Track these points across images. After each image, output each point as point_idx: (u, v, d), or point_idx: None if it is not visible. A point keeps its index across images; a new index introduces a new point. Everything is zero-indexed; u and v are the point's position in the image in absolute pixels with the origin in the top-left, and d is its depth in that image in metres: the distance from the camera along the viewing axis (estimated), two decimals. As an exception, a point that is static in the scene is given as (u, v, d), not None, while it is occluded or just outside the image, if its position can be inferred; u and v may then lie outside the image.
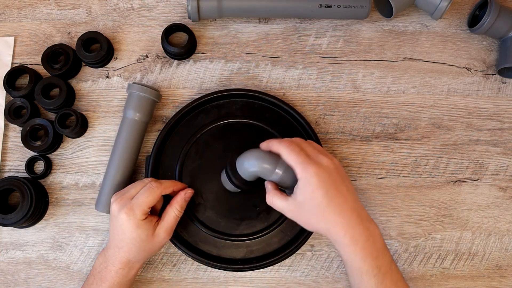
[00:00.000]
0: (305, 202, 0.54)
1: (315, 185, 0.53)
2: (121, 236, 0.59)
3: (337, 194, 0.54)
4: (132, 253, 0.60)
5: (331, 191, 0.53)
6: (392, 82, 0.75)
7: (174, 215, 0.61)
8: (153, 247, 0.61)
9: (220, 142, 0.68)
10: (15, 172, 0.70)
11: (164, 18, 0.75)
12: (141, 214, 0.58)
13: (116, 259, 0.60)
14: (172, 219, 0.61)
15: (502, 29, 0.73)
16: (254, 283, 0.69)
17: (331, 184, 0.54)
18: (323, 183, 0.53)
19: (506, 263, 0.71)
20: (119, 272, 0.60)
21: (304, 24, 0.76)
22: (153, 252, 0.62)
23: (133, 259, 0.60)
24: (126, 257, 0.60)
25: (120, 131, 0.67)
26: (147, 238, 0.59)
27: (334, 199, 0.53)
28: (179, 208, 0.62)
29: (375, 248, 0.54)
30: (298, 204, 0.55)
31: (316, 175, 0.53)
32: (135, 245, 0.59)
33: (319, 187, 0.53)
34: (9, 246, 0.69)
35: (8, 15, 0.74)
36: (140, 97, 0.67)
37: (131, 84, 0.67)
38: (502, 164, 0.74)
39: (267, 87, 0.73)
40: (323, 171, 0.54)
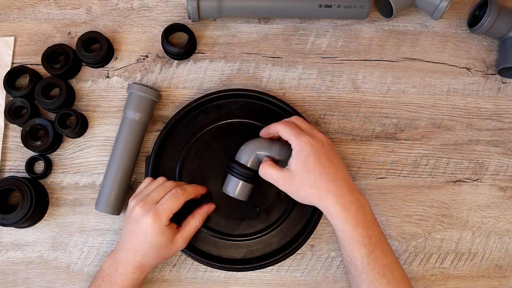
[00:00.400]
0: (298, 170, 0.56)
1: (308, 152, 0.56)
2: (141, 239, 0.59)
3: (329, 163, 0.56)
4: (147, 258, 0.60)
5: (323, 159, 0.56)
6: (392, 82, 0.75)
7: (195, 225, 0.62)
8: (168, 254, 0.61)
9: (220, 142, 0.68)
10: (15, 172, 0.70)
11: (164, 18, 0.75)
12: (166, 220, 0.59)
13: (129, 262, 0.59)
14: (192, 229, 0.62)
15: (502, 29, 0.73)
16: (254, 283, 0.69)
17: (324, 153, 0.56)
18: (316, 151, 0.56)
19: (506, 263, 0.72)
20: (129, 276, 0.59)
21: (304, 24, 0.76)
22: (166, 258, 0.63)
23: (146, 264, 0.60)
24: (140, 260, 0.59)
25: (120, 131, 0.67)
26: (166, 244, 0.60)
27: (326, 167, 0.56)
28: (201, 220, 0.63)
29: (366, 219, 0.55)
30: (291, 173, 0.56)
31: (309, 143, 0.56)
32: (153, 250, 0.59)
33: (312, 154, 0.56)
34: (9, 246, 0.69)
35: (8, 15, 0.74)
36: (140, 97, 0.67)
37: (131, 84, 0.67)
38: (502, 164, 0.74)
39: (267, 87, 0.73)
40: (316, 141, 0.57)
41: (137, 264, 0.59)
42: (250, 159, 0.62)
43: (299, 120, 0.61)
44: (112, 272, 0.60)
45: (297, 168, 0.56)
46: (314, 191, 0.56)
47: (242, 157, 0.62)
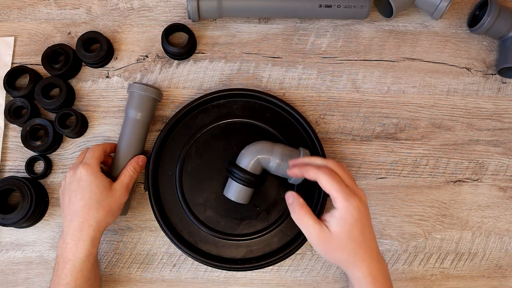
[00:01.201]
0: (341, 234, 0.53)
1: (355, 219, 0.53)
2: (78, 193, 0.59)
3: (370, 232, 0.55)
4: (91, 212, 0.58)
5: (366, 228, 0.54)
6: (392, 82, 0.75)
7: (128, 174, 0.63)
8: (112, 204, 0.60)
9: (220, 142, 0.68)
10: (15, 172, 0.70)
11: (164, 18, 0.75)
12: (95, 163, 0.61)
13: (75, 229, 0.57)
14: (126, 178, 0.63)
15: (502, 29, 0.73)
16: (254, 283, 0.69)
17: (367, 221, 0.54)
18: (363, 218, 0.53)
19: (506, 263, 0.72)
20: (79, 245, 0.57)
21: (304, 24, 0.76)
22: (112, 212, 0.60)
23: (92, 222, 0.58)
24: (85, 219, 0.57)
25: (123, 132, 0.67)
26: (104, 190, 0.60)
27: (367, 237, 0.54)
28: (133, 169, 0.64)
29: (388, 285, 0.56)
30: (331, 234, 0.53)
31: (358, 209, 0.53)
32: (93, 199, 0.58)
33: (359, 221, 0.53)
34: (9, 246, 0.69)
35: (8, 15, 0.74)
36: (142, 96, 0.66)
37: (132, 84, 0.67)
38: (502, 164, 0.74)
39: (267, 87, 0.73)
40: (363, 205, 0.54)
41: (83, 227, 0.57)
42: (251, 163, 0.62)
43: (340, 168, 0.56)
44: (63, 250, 0.57)
45: (340, 232, 0.53)
46: (349, 258, 0.54)
47: (242, 161, 0.62)
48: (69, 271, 0.57)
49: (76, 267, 0.57)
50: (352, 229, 0.53)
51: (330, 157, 0.72)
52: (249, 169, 0.62)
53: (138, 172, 0.65)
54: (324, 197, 0.66)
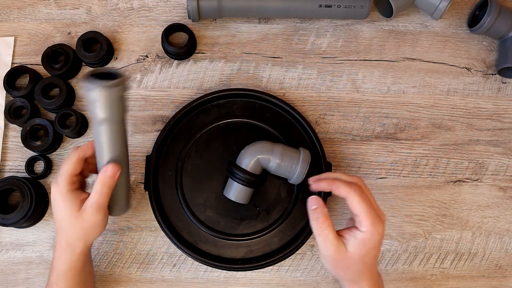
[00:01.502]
0: (355, 256, 0.53)
1: (374, 244, 0.52)
2: (55, 214, 0.57)
3: (378, 254, 0.55)
4: (66, 233, 0.57)
5: (378, 252, 0.54)
6: (392, 82, 0.75)
7: (97, 189, 0.55)
8: (83, 226, 0.56)
9: (220, 142, 0.68)
10: (15, 172, 0.70)
11: (164, 18, 0.75)
12: (64, 184, 0.55)
13: (58, 243, 0.58)
14: (96, 195, 0.55)
15: (502, 29, 0.73)
16: (254, 283, 0.69)
17: (380, 245, 0.54)
18: (380, 243, 0.53)
19: (506, 263, 0.71)
20: (61, 257, 0.57)
21: (304, 24, 0.76)
22: (87, 233, 0.57)
23: (70, 240, 0.57)
24: (63, 238, 0.57)
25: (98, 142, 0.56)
26: (73, 213, 0.55)
27: (376, 259, 0.54)
28: (100, 185, 0.55)
29: None
30: (347, 253, 0.53)
31: (380, 235, 0.52)
32: (65, 221, 0.56)
33: (377, 246, 0.53)
34: (9, 246, 0.69)
35: (8, 15, 0.74)
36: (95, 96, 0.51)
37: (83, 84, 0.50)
38: (502, 164, 0.74)
39: (267, 87, 0.73)
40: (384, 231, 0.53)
41: (63, 242, 0.57)
42: (251, 163, 0.62)
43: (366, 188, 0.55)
44: (52, 259, 0.59)
45: (356, 254, 0.52)
46: (354, 277, 0.55)
47: (243, 161, 0.62)
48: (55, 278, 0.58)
49: (60, 274, 0.58)
50: (368, 253, 0.53)
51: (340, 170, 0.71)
52: (249, 169, 0.62)
53: (110, 185, 0.55)
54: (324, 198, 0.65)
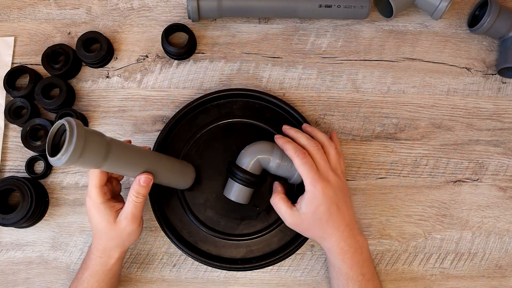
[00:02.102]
0: (308, 215, 0.59)
1: (320, 201, 0.58)
2: (91, 223, 0.59)
3: (337, 211, 0.60)
4: (103, 240, 0.59)
5: (333, 207, 0.59)
6: (392, 82, 0.75)
7: (131, 200, 0.57)
8: (119, 235, 0.58)
9: (220, 142, 0.68)
10: (15, 172, 0.70)
11: (164, 18, 0.75)
12: (96, 196, 0.56)
13: (95, 246, 0.60)
14: (130, 205, 0.57)
15: (502, 29, 0.73)
16: (254, 283, 0.69)
17: (334, 201, 0.59)
18: (328, 199, 0.59)
19: (506, 263, 0.71)
20: (97, 260, 0.60)
21: (304, 24, 0.76)
22: (123, 241, 0.59)
23: (107, 247, 0.60)
24: (101, 244, 0.60)
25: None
26: (109, 224, 0.57)
27: (333, 215, 0.59)
28: (135, 193, 0.57)
29: (362, 258, 0.61)
30: (300, 215, 0.60)
31: (322, 192, 0.58)
32: (101, 231, 0.59)
33: (323, 203, 0.59)
34: (9, 246, 0.69)
35: (8, 15, 0.74)
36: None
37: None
38: (502, 164, 0.74)
39: (267, 87, 0.73)
40: (329, 188, 0.59)
41: (100, 247, 0.60)
42: (251, 163, 0.62)
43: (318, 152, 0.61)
44: (87, 258, 0.62)
45: (307, 213, 0.59)
46: (319, 234, 0.61)
47: (243, 161, 0.62)
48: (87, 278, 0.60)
49: (92, 275, 0.60)
50: (317, 210, 0.58)
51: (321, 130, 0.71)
52: (249, 169, 0.62)
53: (144, 194, 0.57)
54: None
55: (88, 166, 0.50)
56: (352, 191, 0.71)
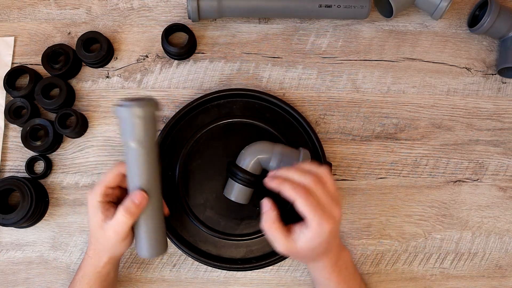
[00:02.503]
0: (305, 249, 0.55)
1: (322, 239, 0.54)
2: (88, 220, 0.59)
3: (333, 243, 0.57)
4: (96, 240, 0.58)
5: (331, 242, 0.56)
6: (392, 82, 0.75)
7: (120, 216, 0.54)
8: (107, 242, 0.56)
9: (220, 142, 0.68)
10: (15, 172, 0.70)
11: (164, 18, 0.75)
12: (97, 193, 0.55)
13: (89, 246, 0.59)
14: (119, 220, 0.54)
15: (502, 29, 0.73)
16: (254, 283, 0.69)
17: (334, 237, 0.55)
18: (331, 236, 0.54)
19: (506, 263, 0.71)
20: (88, 260, 0.59)
21: (304, 24, 0.76)
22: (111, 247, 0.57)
23: (96, 248, 0.58)
24: (93, 243, 0.58)
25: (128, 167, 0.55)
26: (98, 226, 0.55)
27: (329, 245, 0.56)
28: (123, 212, 0.54)
29: (348, 273, 0.61)
30: (297, 247, 0.54)
31: (329, 232, 0.53)
32: (93, 230, 0.57)
33: (326, 240, 0.54)
34: (9, 246, 0.69)
35: (8, 15, 0.74)
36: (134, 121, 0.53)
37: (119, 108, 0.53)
38: (502, 164, 0.74)
39: (267, 87, 0.73)
40: (334, 226, 0.54)
41: (92, 247, 0.59)
42: (251, 163, 0.62)
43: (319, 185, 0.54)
44: (83, 258, 0.61)
45: (305, 248, 0.54)
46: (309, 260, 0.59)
47: (242, 161, 0.62)
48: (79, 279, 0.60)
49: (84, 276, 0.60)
50: (317, 247, 0.55)
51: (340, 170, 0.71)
52: (249, 169, 0.62)
53: (134, 213, 0.54)
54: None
55: None
56: (352, 191, 0.71)
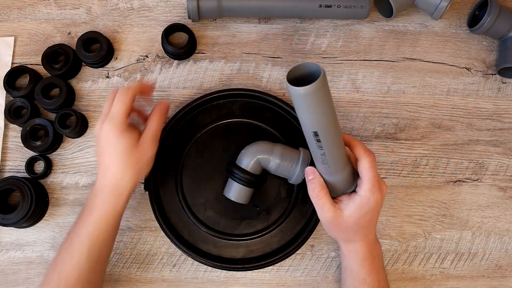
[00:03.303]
0: (351, 218, 0.57)
1: (370, 208, 0.56)
2: (106, 150, 0.57)
3: (375, 219, 0.59)
4: (119, 171, 0.57)
5: (375, 217, 0.58)
6: (392, 82, 0.75)
7: (154, 123, 0.59)
8: (138, 161, 0.58)
9: (220, 142, 0.68)
10: (15, 172, 0.70)
11: (164, 18, 0.75)
12: (121, 122, 0.56)
13: (105, 184, 0.57)
14: (154, 127, 0.59)
15: (502, 29, 0.73)
16: (254, 283, 0.69)
17: (377, 212, 0.58)
18: (376, 209, 0.57)
19: (506, 263, 0.72)
20: (106, 200, 0.57)
21: (304, 24, 0.76)
22: (139, 169, 0.58)
23: (120, 181, 0.57)
24: (114, 177, 0.57)
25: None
26: (131, 147, 0.57)
27: (372, 223, 0.59)
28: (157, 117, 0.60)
29: (379, 265, 0.62)
30: (343, 217, 0.57)
31: (376, 202, 0.56)
32: (121, 157, 0.57)
33: (371, 211, 0.57)
34: (9, 246, 0.69)
35: (8, 15, 0.74)
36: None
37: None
38: (502, 164, 0.74)
39: (267, 87, 0.73)
40: (381, 198, 0.57)
41: (112, 183, 0.57)
42: (251, 163, 0.62)
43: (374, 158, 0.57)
44: (92, 201, 0.57)
45: (351, 217, 0.56)
46: (348, 237, 0.59)
47: (242, 161, 0.62)
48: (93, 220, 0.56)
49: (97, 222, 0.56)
50: (363, 217, 0.56)
51: None
52: (249, 169, 0.62)
53: (163, 117, 0.61)
54: None
55: None
56: (352, 191, 0.71)
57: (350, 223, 0.57)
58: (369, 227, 0.58)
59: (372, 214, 0.57)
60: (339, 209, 0.57)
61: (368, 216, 0.57)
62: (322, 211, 0.57)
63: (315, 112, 0.49)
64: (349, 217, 0.56)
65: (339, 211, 0.57)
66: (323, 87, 0.47)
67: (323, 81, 0.47)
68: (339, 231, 0.59)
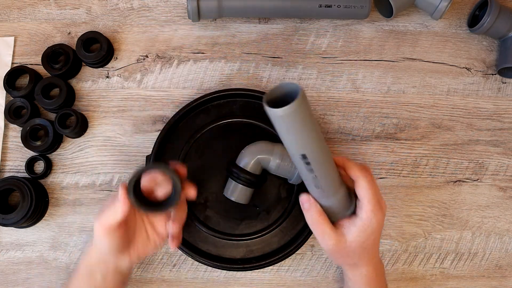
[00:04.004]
0: (355, 243, 0.53)
1: (372, 230, 0.53)
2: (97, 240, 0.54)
3: (378, 240, 0.56)
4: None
5: (377, 238, 0.55)
6: (392, 82, 0.75)
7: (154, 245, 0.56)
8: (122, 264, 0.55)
9: (220, 142, 0.68)
10: (15, 172, 0.70)
11: (164, 18, 0.75)
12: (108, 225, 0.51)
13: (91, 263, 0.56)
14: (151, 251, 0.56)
15: (502, 29, 0.73)
16: (254, 283, 0.69)
17: (380, 232, 0.55)
18: (379, 230, 0.54)
19: (506, 263, 0.72)
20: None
21: (304, 24, 0.76)
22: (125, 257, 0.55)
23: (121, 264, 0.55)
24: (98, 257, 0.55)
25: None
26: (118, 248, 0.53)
27: (376, 244, 0.56)
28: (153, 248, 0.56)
29: (383, 285, 0.60)
30: (346, 242, 0.53)
31: (378, 223, 0.53)
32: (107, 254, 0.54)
33: (374, 233, 0.53)
34: (9, 246, 0.69)
35: (8, 15, 0.74)
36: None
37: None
38: (502, 164, 0.74)
39: (267, 87, 0.73)
40: (383, 218, 0.54)
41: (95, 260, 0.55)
42: (251, 163, 0.62)
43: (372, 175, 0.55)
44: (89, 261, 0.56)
45: (355, 242, 0.53)
46: (353, 262, 0.57)
47: (242, 161, 0.62)
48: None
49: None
50: (367, 240, 0.53)
51: None
52: (249, 169, 0.62)
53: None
54: None
55: None
56: (352, 191, 0.71)
57: (355, 248, 0.53)
58: (373, 248, 0.56)
59: (375, 235, 0.54)
60: (341, 234, 0.53)
61: (372, 238, 0.54)
62: (324, 239, 0.54)
63: (298, 134, 0.47)
64: (352, 242, 0.53)
65: (342, 237, 0.53)
66: (303, 106, 0.45)
67: (302, 101, 0.44)
68: (344, 257, 0.56)
